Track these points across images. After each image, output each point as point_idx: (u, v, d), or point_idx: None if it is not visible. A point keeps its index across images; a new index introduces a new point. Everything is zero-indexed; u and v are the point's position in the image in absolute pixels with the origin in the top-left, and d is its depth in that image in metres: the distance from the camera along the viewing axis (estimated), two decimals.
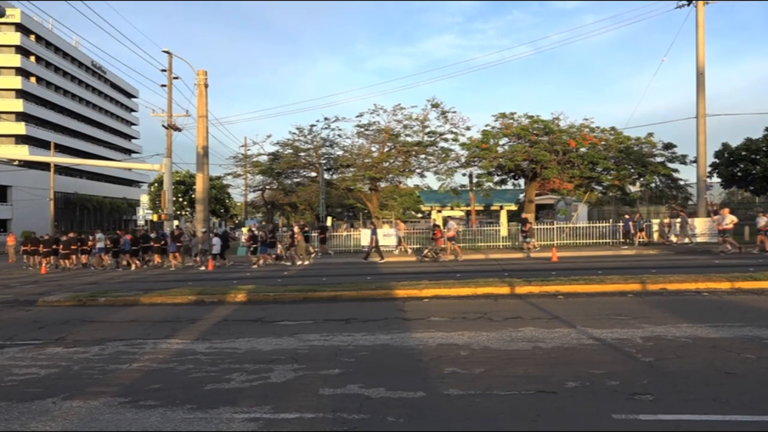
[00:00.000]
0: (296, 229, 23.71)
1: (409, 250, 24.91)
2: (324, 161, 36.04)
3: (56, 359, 6.99)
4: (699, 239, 23.34)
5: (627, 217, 25.12)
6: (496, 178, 30.23)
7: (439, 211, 35.77)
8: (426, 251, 22.41)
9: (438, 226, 24.19)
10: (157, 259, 23.77)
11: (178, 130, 31.39)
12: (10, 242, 32.94)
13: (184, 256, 24.04)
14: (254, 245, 23.12)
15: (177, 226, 30.95)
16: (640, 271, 13.69)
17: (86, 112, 79.71)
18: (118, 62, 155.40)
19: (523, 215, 27.07)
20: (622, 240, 24.62)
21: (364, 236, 28.14)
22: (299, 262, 22.18)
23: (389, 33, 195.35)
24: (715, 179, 30.25)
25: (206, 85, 29.36)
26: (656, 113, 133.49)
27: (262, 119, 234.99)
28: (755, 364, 5.68)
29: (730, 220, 19.77)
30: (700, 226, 23.65)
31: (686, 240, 23.37)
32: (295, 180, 39.94)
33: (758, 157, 27.45)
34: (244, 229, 33.94)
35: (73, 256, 24.93)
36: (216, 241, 22.96)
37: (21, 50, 65.28)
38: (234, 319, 9.58)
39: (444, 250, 22.21)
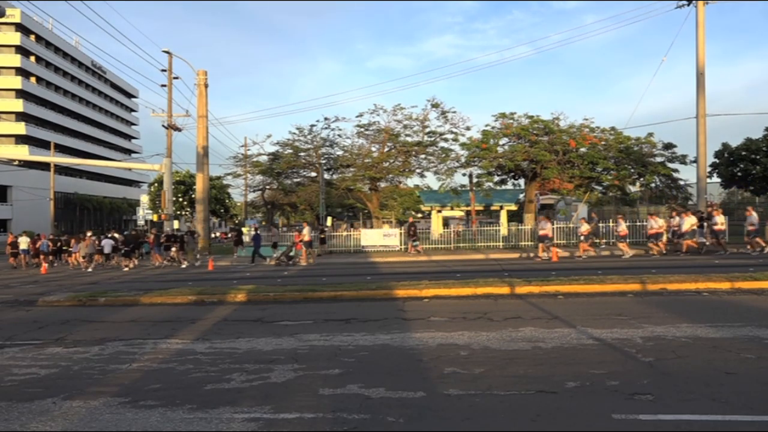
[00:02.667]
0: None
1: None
2: (324, 161, 36.04)
3: (56, 359, 6.99)
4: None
5: (542, 219, 23.75)
6: (496, 178, 30.22)
7: (439, 211, 35.77)
8: (277, 255, 23.37)
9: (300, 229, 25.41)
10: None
11: (178, 130, 31.38)
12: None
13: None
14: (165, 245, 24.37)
15: (177, 228, 30.92)
16: (640, 271, 13.69)
17: (86, 112, 79.71)
18: (118, 62, 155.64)
19: (410, 219, 28.00)
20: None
21: (363, 236, 28.16)
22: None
23: (389, 33, 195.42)
24: (715, 179, 30.22)
25: (206, 85, 29.38)
26: (656, 113, 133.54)
27: (262, 119, 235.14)
28: (755, 364, 5.68)
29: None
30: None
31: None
32: (295, 180, 39.94)
33: (758, 157, 27.44)
34: (245, 229, 34.01)
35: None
36: (106, 242, 24.49)
37: (21, 50, 65.29)
38: (234, 319, 9.58)
39: (299, 254, 22.95)
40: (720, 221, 20.23)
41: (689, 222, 20.00)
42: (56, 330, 9.03)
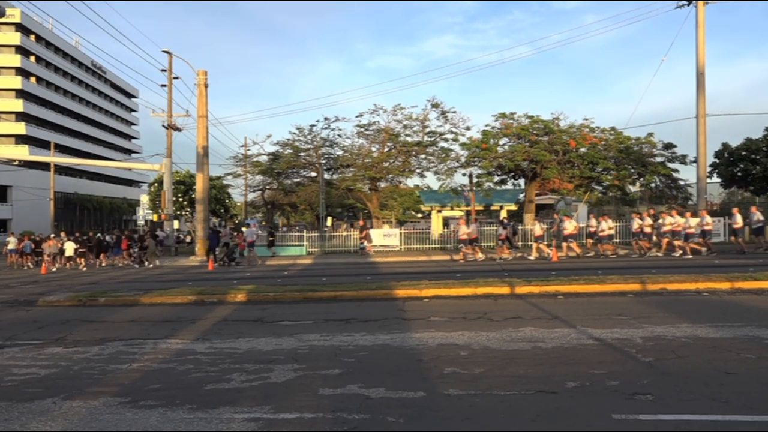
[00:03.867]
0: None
1: None
2: (324, 161, 36.04)
3: (56, 359, 6.99)
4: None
5: (506, 220, 24.13)
6: (496, 178, 30.24)
7: (439, 211, 35.76)
8: (220, 256, 24.03)
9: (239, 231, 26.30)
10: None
11: (178, 130, 31.40)
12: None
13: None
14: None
15: (178, 228, 30.92)
16: (640, 271, 13.69)
17: (86, 112, 79.71)
18: (118, 62, 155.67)
19: (360, 222, 28.37)
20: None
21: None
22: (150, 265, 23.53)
23: (389, 33, 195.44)
24: (715, 179, 30.22)
25: (206, 85, 29.36)
26: (656, 113, 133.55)
27: (262, 119, 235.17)
28: (755, 364, 5.67)
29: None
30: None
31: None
32: (295, 180, 39.93)
33: (758, 157, 27.43)
34: (245, 229, 34.00)
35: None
36: (68, 244, 25.33)
37: (21, 50, 65.29)
38: (234, 319, 9.58)
39: (240, 255, 23.76)
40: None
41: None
42: (56, 330, 9.03)
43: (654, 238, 20.53)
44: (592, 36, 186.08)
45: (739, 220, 19.69)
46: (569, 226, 20.80)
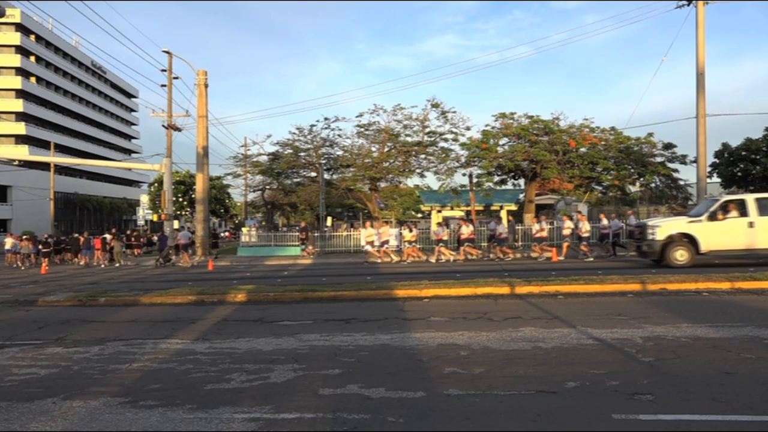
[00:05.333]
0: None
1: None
2: (324, 161, 36.01)
3: (56, 359, 6.99)
4: None
5: (462, 222, 24.09)
6: (496, 178, 30.24)
7: (439, 211, 35.75)
8: (159, 257, 24.96)
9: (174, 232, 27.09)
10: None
11: (178, 130, 31.38)
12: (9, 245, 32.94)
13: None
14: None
15: (178, 227, 30.97)
16: (641, 272, 13.69)
17: (86, 112, 79.67)
18: (118, 62, 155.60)
19: (302, 223, 28.97)
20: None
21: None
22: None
23: (389, 33, 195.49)
24: (715, 179, 30.23)
25: (206, 85, 29.37)
26: (656, 113, 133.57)
27: (262, 119, 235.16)
28: (755, 364, 5.67)
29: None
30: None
31: None
32: (295, 180, 39.91)
33: (758, 157, 27.45)
34: (245, 229, 34.06)
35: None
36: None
37: (21, 50, 65.25)
38: (234, 319, 9.58)
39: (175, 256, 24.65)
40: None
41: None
42: (56, 330, 9.03)
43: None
44: (592, 36, 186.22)
45: (606, 225, 20.64)
46: (465, 231, 21.67)
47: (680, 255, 15.49)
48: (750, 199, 15.72)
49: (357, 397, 5.03)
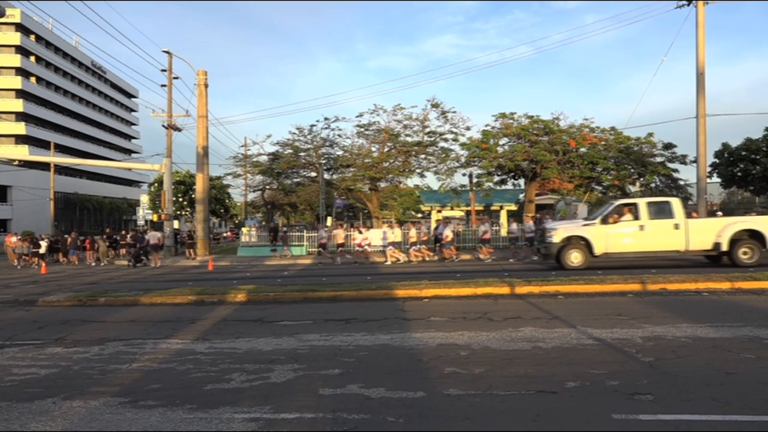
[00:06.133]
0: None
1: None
2: (324, 161, 36.01)
3: (56, 359, 6.99)
4: None
5: (439, 223, 24.42)
6: (496, 178, 30.23)
7: (439, 211, 35.74)
8: (130, 257, 25.39)
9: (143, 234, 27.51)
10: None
11: (178, 130, 31.39)
12: (8, 243, 32.98)
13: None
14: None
15: (177, 227, 31.05)
16: (641, 271, 13.69)
17: (86, 112, 79.65)
18: (118, 62, 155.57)
19: (272, 224, 29.42)
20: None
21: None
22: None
23: (389, 33, 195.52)
24: (715, 179, 30.25)
25: (206, 85, 29.37)
26: (656, 113, 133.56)
27: (262, 119, 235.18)
28: (755, 364, 5.67)
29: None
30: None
31: None
32: (295, 180, 39.90)
33: (758, 157, 27.47)
34: (245, 229, 34.06)
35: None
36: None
37: (21, 50, 65.22)
38: (234, 319, 9.58)
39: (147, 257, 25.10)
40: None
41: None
42: (56, 330, 9.03)
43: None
44: (592, 36, 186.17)
45: (514, 229, 21.99)
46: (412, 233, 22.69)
47: (574, 258, 15.84)
48: (642, 203, 16.15)
49: (357, 397, 5.03)
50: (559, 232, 16.17)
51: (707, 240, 15.49)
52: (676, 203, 16.00)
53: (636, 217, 15.78)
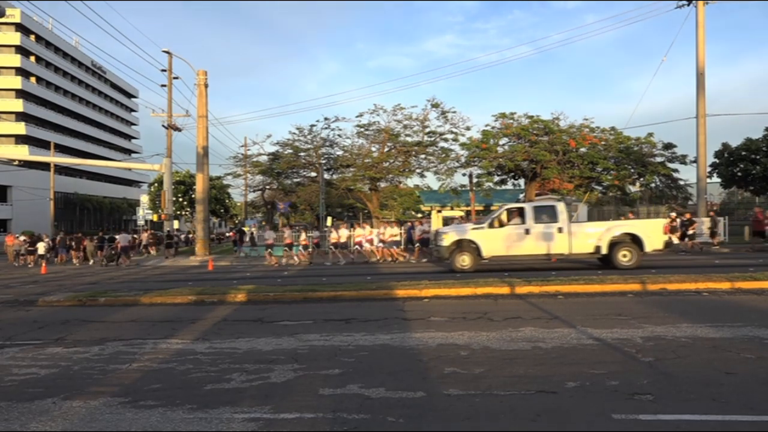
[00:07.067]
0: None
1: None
2: (324, 161, 36.03)
3: (56, 359, 6.99)
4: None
5: (410, 224, 24.18)
6: (496, 178, 30.22)
7: (439, 211, 35.73)
8: (102, 257, 26.03)
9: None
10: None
11: (178, 130, 31.40)
12: (8, 242, 32.99)
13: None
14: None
15: (177, 228, 31.09)
16: (640, 272, 13.69)
17: (86, 112, 79.67)
18: (118, 62, 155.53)
19: (239, 225, 29.61)
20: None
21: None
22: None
23: (389, 33, 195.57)
24: (715, 179, 30.23)
25: (206, 85, 29.37)
26: (656, 113, 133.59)
27: (262, 119, 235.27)
28: (755, 364, 5.67)
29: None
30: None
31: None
32: (295, 180, 39.91)
33: (758, 157, 27.45)
34: (245, 229, 34.10)
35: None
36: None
37: (21, 50, 65.24)
38: (234, 319, 9.58)
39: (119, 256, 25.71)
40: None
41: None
42: (56, 330, 9.03)
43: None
44: (592, 36, 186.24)
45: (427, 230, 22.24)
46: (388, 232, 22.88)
47: (463, 260, 16.24)
48: (528, 207, 16.49)
49: (357, 397, 5.03)
50: (449, 235, 16.62)
51: (589, 243, 15.91)
52: (560, 207, 16.35)
53: (523, 221, 16.14)
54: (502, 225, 16.27)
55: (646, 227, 16.09)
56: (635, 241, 15.73)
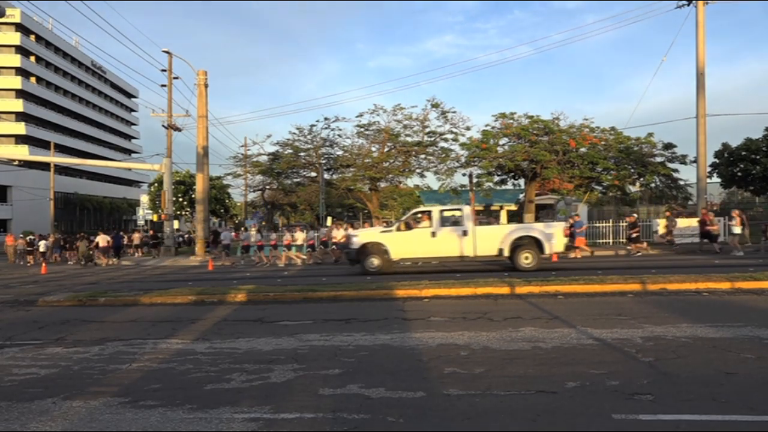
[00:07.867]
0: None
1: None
2: (324, 161, 36.05)
3: (56, 359, 6.99)
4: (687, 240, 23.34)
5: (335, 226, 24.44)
6: (496, 178, 30.20)
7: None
8: (81, 256, 26.81)
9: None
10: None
11: (178, 130, 31.40)
12: (8, 242, 33.00)
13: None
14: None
15: (178, 228, 31.11)
16: (640, 271, 13.69)
17: (86, 112, 79.64)
18: (118, 62, 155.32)
19: (213, 227, 29.86)
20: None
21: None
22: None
23: (389, 33, 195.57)
24: (715, 179, 30.23)
25: (206, 85, 29.37)
26: (656, 113, 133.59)
27: (262, 119, 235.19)
28: (755, 364, 5.67)
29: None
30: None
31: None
32: (295, 180, 39.93)
33: (758, 157, 27.44)
34: (251, 230, 34.08)
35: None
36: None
37: (21, 50, 65.23)
38: (234, 319, 9.58)
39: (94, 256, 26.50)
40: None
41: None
42: (56, 330, 9.03)
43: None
44: (592, 36, 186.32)
45: (334, 234, 22.57)
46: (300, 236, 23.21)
47: (371, 262, 16.64)
48: (435, 210, 16.95)
49: (357, 397, 5.03)
50: (359, 238, 17.00)
51: (493, 246, 16.25)
52: (466, 211, 16.72)
53: (430, 224, 16.51)
54: (409, 228, 16.77)
55: (546, 231, 16.52)
56: (536, 243, 16.13)
